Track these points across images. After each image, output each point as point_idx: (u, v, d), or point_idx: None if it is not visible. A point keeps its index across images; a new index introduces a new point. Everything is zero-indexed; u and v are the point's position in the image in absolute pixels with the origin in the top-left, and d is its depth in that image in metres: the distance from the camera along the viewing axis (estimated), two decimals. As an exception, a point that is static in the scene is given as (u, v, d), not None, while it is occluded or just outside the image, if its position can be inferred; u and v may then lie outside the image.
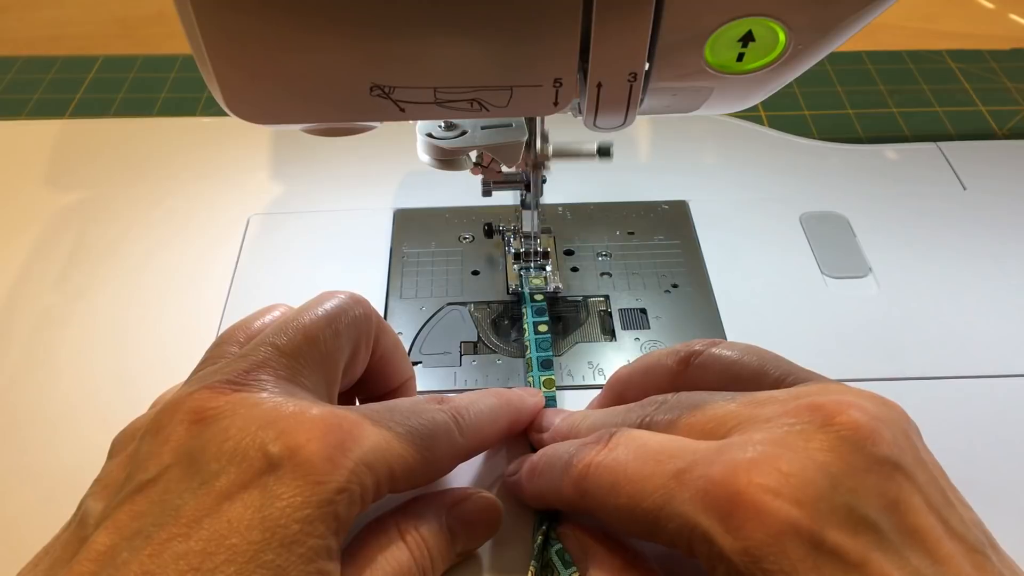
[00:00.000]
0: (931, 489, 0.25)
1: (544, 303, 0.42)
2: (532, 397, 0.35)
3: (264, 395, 0.26)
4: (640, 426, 0.30)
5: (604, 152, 0.40)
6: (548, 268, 0.43)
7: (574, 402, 0.37)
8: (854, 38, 0.27)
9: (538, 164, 0.39)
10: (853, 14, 0.26)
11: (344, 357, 0.30)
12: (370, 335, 0.31)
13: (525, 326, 0.41)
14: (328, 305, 0.30)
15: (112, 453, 0.29)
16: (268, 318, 0.32)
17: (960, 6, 0.72)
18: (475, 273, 0.45)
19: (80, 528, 0.26)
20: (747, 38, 0.26)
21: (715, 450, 0.26)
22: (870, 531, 0.23)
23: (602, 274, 0.45)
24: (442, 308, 0.43)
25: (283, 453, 0.24)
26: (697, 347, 0.32)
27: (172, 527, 0.23)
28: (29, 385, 0.39)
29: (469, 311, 0.43)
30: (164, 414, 0.26)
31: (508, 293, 0.43)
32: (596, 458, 0.28)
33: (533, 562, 0.31)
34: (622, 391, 0.35)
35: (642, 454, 0.27)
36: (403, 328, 0.42)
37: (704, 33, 0.26)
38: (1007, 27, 0.70)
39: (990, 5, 0.72)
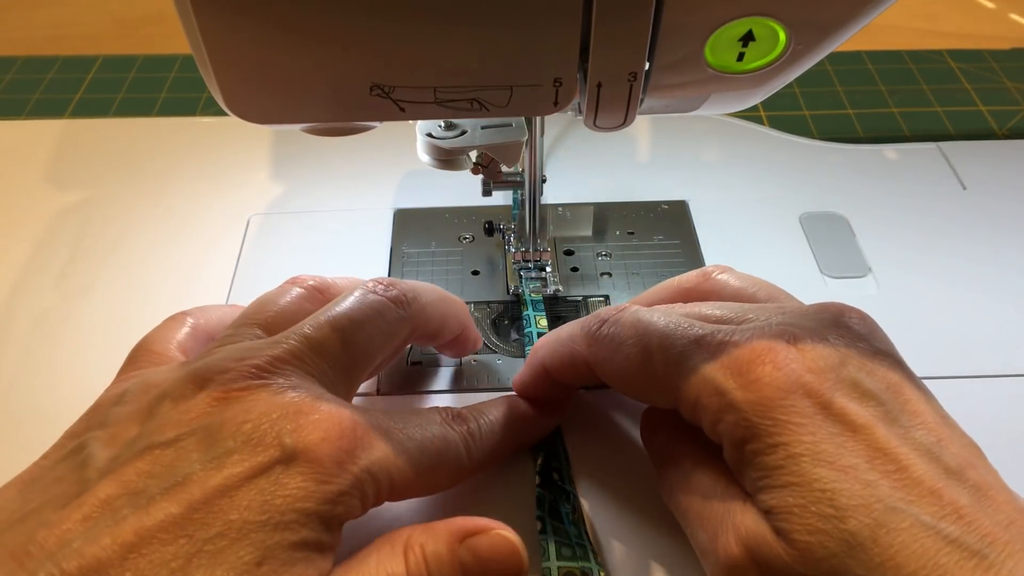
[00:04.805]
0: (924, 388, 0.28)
1: (541, 299, 0.42)
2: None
3: (287, 385, 0.27)
4: None
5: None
6: (548, 269, 0.43)
7: (574, 401, 0.37)
8: (854, 38, 0.27)
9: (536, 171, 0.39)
10: (853, 14, 0.26)
11: (372, 362, 0.30)
12: (403, 337, 0.32)
13: (524, 320, 0.40)
14: (366, 305, 0.30)
15: (125, 399, 0.28)
16: (292, 295, 0.32)
17: (960, 6, 0.72)
18: (475, 273, 0.45)
19: (81, 469, 0.26)
20: (747, 38, 0.26)
21: (733, 328, 0.28)
22: (876, 405, 0.25)
23: (602, 274, 0.45)
24: (442, 308, 0.43)
25: (297, 447, 0.25)
26: (706, 270, 0.35)
27: (176, 493, 0.24)
28: (29, 385, 0.39)
29: (469, 311, 0.42)
30: (189, 384, 0.27)
31: (508, 293, 0.43)
32: (614, 313, 0.30)
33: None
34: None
35: (663, 314, 0.29)
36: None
37: (704, 33, 0.26)
38: (1007, 27, 0.70)
39: (990, 5, 0.72)
